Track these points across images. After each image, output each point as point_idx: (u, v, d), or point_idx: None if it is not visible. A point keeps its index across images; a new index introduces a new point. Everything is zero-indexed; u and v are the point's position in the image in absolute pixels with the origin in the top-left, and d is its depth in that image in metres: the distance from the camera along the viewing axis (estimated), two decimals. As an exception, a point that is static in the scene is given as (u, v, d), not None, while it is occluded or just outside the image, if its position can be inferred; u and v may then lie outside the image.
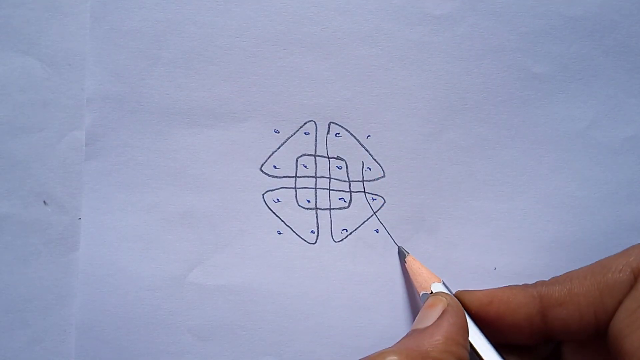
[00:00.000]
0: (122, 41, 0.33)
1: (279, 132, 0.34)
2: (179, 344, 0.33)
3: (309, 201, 0.34)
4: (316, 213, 0.34)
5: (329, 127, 0.34)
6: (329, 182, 0.34)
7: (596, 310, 0.26)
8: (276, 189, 0.34)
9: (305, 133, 0.34)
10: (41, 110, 0.33)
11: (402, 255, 0.33)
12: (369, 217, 0.34)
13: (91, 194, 0.33)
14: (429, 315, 0.27)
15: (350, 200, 0.34)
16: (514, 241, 0.34)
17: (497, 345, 0.28)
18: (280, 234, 0.34)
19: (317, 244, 0.34)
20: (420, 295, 0.30)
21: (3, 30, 0.33)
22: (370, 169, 0.34)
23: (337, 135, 0.34)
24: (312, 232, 0.34)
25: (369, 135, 0.34)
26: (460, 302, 0.29)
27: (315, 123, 0.34)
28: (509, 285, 0.29)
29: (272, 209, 0.34)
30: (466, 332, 0.26)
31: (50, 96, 0.33)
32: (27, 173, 0.33)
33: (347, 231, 0.34)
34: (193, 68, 0.33)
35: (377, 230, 0.34)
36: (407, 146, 0.34)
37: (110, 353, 0.33)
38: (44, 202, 0.33)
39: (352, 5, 0.33)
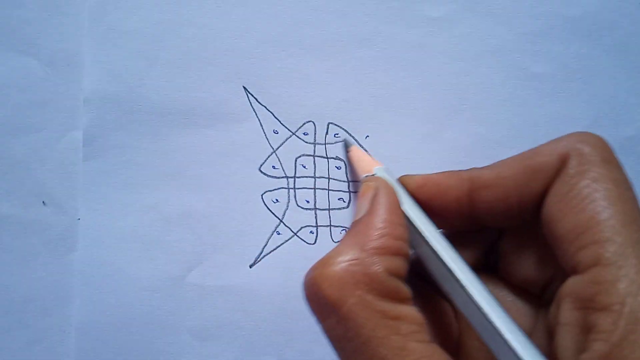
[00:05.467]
0: (120, 41, 0.33)
1: (277, 133, 0.34)
2: (178, 345, 0.33)
3: (308, 201, 0.34)
4: (315, 213, 0.34)
5: (327, 128, 0.34)
6: (328, 182, 0.34)
7: (521, 193, 0.25)
8: (275, 190, 0.34)
9: (304, 133, 0.34)
10: (40, 110, 0.33)
11: (347, 146, 0.33)
12: (368, 217, 0.34)
13: (89, 194, 0.33)
14: (362, 204, 0.26)
15: (350, 200, 0.34)
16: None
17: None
18: (279, 234, 0.34)
19: (316, 244, 0.34)
20: (362, 178, 0.30)
21: (2, 31, 0.33)
22: (369, 169, 0.34)
23: (336, 135, 0.34)
24: (312, 232, 0.34)
25: (368, 136, 0.34)
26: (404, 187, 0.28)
27: (314, 124, 0.34)
28: (446, 171, 0.28)
29: (271, 209, 0.34)
30: (399, 208, 0.26)
31: (49, 96, 0.33)
32: (26, 173, 0.33)
33: (346, 231, 0.34)
34: (192, 69, 0.33)
35: (376, 231, 0.34)
36: (406, 146, 0.34)
37: (110, 353, 0.33)
38: (43, 202, 0.33)
39: (350, 8, 0.33)
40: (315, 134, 0.34)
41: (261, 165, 0.34)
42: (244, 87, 0.33)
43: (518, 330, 0.23)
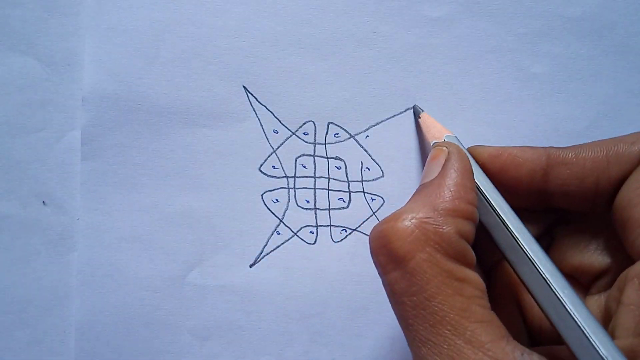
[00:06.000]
0: (119, 40, 0.33)
1: (277, 133, 0.34)
2: (179, 344, 0.33)
3: (308, 201, 0.34)
4: (315, 213, 0.34)
5: (327, 128, 0.34)
6: (328, 182, 0.34)
7: (599, 176, 0.26)
8: (275, 189, 0.34)
9: (304, 133, 0.34)
10: (40, 110, 0.33)
11: (416, 113, 0.33)
12: (369, 217, 0.34)
13: (88, 194, 0.33)
14: (433, 168, 0.26)
15: (350, 200, 0.34)
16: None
17: None
18: (279, 234, 0.33)
19: (316, 244, 0.34)
20: (432, 145, 0.30)
21: (2, 31, 0.33)
22: (369, 169, 0.34)
23: (336, 135, 0.34)
24: (312, 232, 0.34)
25: (368, 136, 0.34)
26: (473, 157, 0.28)
27: (314, 123, 0.34)
28: (521, 145, 0.28)
29: (271, 209, 0.34)
30: (471, 174, 0.26)
31: (49, 96, 0.33)
32: (26, 173, 0.33)
33: (346, 231, 0.34)
34: (191, 68, 0.33)
35: (376, 230, 0.34)
36: (406, 146, 0.34)
37: (110, 353, 0.33)
38: (43, 202, 0.33)
39: (350, 7, 0.33)
40: (315, 133, 0.34)
41: (261, 165, 0.34)
42: (244, 87, 0.33)
43: (580, 302, 0.23)
